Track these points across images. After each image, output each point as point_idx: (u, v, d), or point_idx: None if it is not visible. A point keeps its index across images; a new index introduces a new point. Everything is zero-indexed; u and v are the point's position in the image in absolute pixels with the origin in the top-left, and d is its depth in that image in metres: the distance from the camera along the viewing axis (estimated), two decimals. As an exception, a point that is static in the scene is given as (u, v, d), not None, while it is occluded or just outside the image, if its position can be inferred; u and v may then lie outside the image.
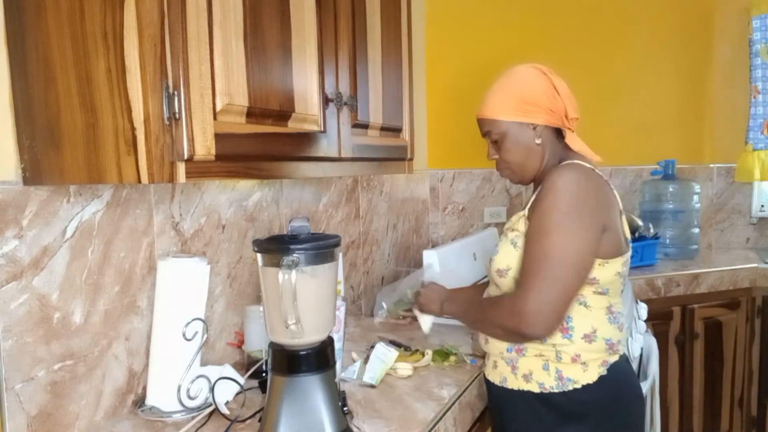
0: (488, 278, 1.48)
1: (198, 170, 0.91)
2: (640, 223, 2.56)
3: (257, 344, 1.40)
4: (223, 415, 1.18)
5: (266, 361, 1.19)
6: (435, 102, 2.63)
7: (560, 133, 1.37)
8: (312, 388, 1.06)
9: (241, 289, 1.52)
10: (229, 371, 1.27)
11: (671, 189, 2.74)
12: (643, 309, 1.90)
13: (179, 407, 1.19)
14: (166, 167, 0.88)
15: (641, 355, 1.50)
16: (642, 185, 2.86)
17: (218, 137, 0.93)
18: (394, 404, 1.25)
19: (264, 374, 1.32)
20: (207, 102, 0.91)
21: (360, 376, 1.38)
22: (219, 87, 0.93)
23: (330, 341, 1.12)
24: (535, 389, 1.29)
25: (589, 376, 1.27)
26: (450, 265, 2.02)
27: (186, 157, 0.88)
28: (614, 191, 1.33)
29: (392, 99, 1.58)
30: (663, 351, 2.27)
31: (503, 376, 1.35)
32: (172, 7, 0.85)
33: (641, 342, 1.48)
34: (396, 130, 1.62)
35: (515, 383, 1.32)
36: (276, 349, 1.09)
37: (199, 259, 1.25)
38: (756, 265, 2.54)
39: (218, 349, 1.45)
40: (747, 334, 2.55)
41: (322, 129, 1.23)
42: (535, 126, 1.33)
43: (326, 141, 1.24)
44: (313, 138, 1.20)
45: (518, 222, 1.32)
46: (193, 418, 1.18)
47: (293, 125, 1.14)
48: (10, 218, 0.99)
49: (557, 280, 1.21)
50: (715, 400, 2.53)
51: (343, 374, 1.38)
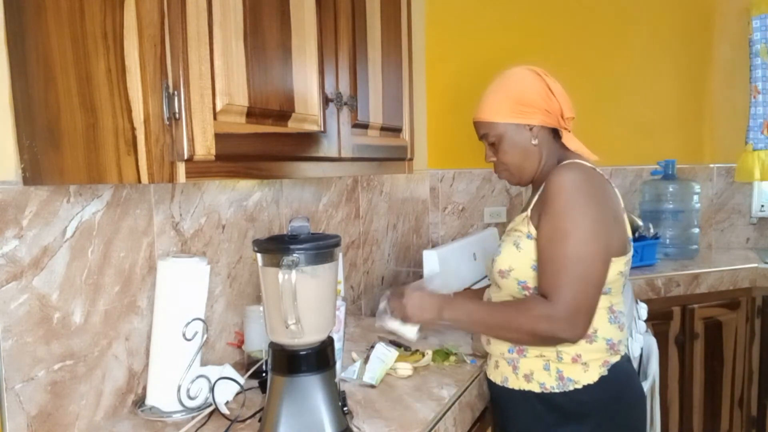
0: (489, 279, 1.48)
1: (198, 170, 0.91)
2: (640, 223, 2.56)
3: (257, 344, 1.40)
4: (223, 415, 1.18)
5: (266, 361, 1.19)
6: (435, 102, 2.63)
7: (557, 134, 1.37)
8: (312, 388, 1.06)
9: (241, 289, 1.52)
10: (229, 371, 1.27)
11: (671, 189, 2.74)
12: (643, 309, 1.90)
13: (179, 407, 1.19)
14: (166, 167, 0.88)
15: (641, 355, 1.50)
16: (642, 185, 2.86)
17: (218, 137, 0.93)
18: (394, 404, 1.25)
19: (264, 374, 1.32)
20: (207, 102, 0.91)
21: (360, 376, 1.38)
22: (219, 87, 0.93)
23: (330, 341, 1.12)
24: (536, 389, 1.30)
25: (590, 377, 1.27)
26: (450, 265, 2.02)
27: (186, 157, 0.88)
28: (616, 190, 1.33)
29: (392, 99, 1.58)
30: (663, 351, 2.27)
31: (504, 376, 1.35)
32: (172, 7, 0.85)
33: (641, 342, 1.48)
34: (396, 130, 1.62)
35: (516, 383, 1.32)
36: (276, 349, 1.09)
37: (199, 259, 1.25)
38: (756, 265, 2.55)
39: (218, 349, 1.45)
40: (747, 334, 2.55)
41: (322, 129, 1.23)
42: (532, 127, 1.34)
43: (326, 141, 1.24)
44: (313, 138, 1.20)
45: (521, 223, 1.32)
46: (193, 418, 1.18)
47: (293, 125, 1.14)
48: (10, 218, 0.99)
49: (586, 279, 1.20)
50: (715, 400, 2.53)
51: (343, 374, 1.38)
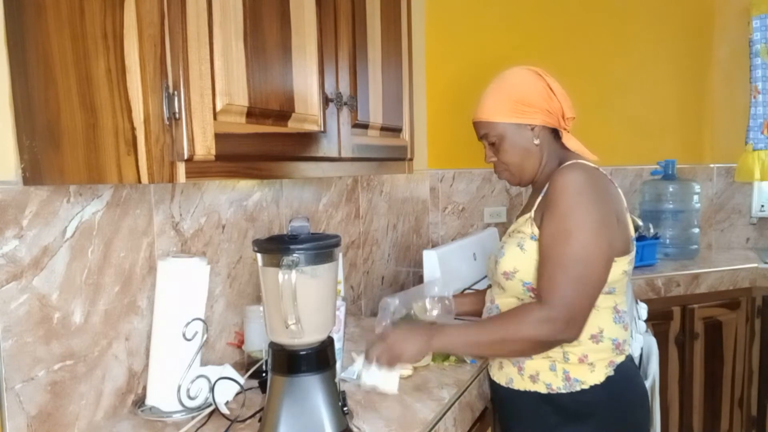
0: (490, 281, 1.48)
1: (198, 170, 0.91)
2: (640, 223, 2.56)
3: (257, 344, 1.40)
4: (223, 415, 1.18)
5: (266, 361, 1.19)
6: (435, 102, 2.63)
7: (557, 134, 1.37)
8: (312, 388, 1.06)
9: (241, 289, 1.52)
10: (229, 371, 1.27)
11: (671, 189, 2.74)
12: (643, 309, 1.90)
13: (179, 407, 1.19)
14: (166, 167, 0.88)
15: (641, 355, 1.50)
16: (642, 185, 2.86)
17: (218, 137, 0.93)
18: (394, 404, 1.25)
19: (264, 374, 1.32)
20: (207, 102, 0.91)
21: (360, 377, 1.37)
22: (219, 87, 0.93)
23: (330, 341, 1.12)
24: (542, 390, 1.29)
25: (597, 377, 1.27)
26: (450, 265, 2.02)
27: (186, 157, 0.88)
28: (618, 189, 1.33)
29: (392, 99, 1.58)
30: (663, 351, 2.27)
31: (509, 377, 1.34)
32: (172, 7, 0.85)
33: (641, 342, 1.48)
34: (396, 130, 1.61)
35: (522, 384, 1.32)
36: (276, 349, 1.09)
37: (199, 259, 1.25)
38: (756, 265, 2.54)
39: (218, 349, 1.45)
40: (747, 334, 2.55)
41: (322, 129, 1.23)
42: (533, 127, 1.33)
43: (326, 141, 1.24)
44: (313, 138, 1.20)
45: (524, 224, 1.32)
46: (193, 418, 1.18)
47: (293, 125, 1.14)
48: (10, 218, 0.99)
49: (584, 281, 1.20)
50: (715, 400, 2.53)
51: (343, 374, 1.38)
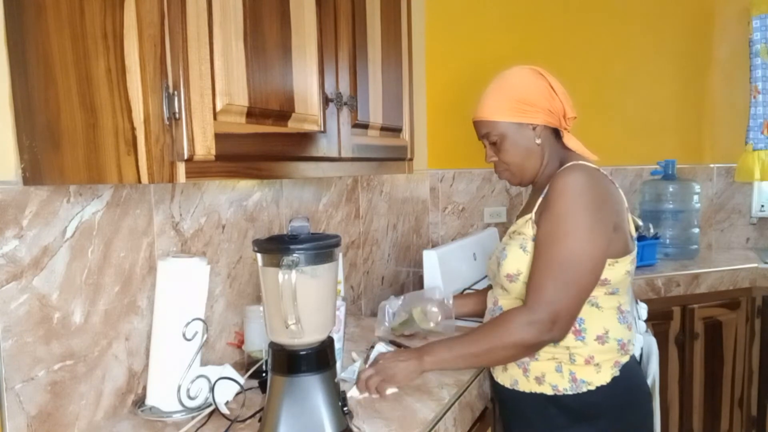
0: (491, 281, 1.48)
1: (198, 170, 0.91)
2: (640, 223, 2.55)
3: (257, 344, 1.40)
4: (223, 415, 1.18)
5: (266, 361, 1.19)
6: (435, 102, 2.63)
7: (557, 134, 1.37)
8: (312, 388, 1.06)
9: (241, 289, 1.52)
10: (229, 371, 1.27)
11: (671, 189, 2.74)
12: (643, 309, 1.90)
13: (179, 407, 1.19)
14: (166, 167, 0.88)
15: (641, 355, 1.50)
16: (642, 185, 2.86)
17: (218, 137, 0.93)
18: (394, 404, 1.25)
19: (264, 374, 1.32)
20: (207, 102, 0.91)
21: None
22: (219, 87, 0.93)
23: (330, 341, 1.12)
24: (548, 391, 1.28)
25: (603, 378, 1.26)
26: (450, 265, 2.02)
27: (186, 157, 0.88)
28: (619, 189, 1.33)
29: (392, 99, 1.58)
30: (663, 351, 2.27)
31: (514, 379, 1.34)
32: (172, 7, 0.85)
33: (641, 342, 1.49)
34: (396, 130, 1.61)
35: (527, 386, 1.31)
36: (276, 349, 1.09)
37: (199, 259, 1.25)
38: (756, 265, 2.54)
39: (218, 349, 1.45)
40: (747, 334, 2.55)
41: (322, 129, 1.23)
42: (535, 126, 1.33)
43: (326, 141, 1.24)
44: (313, 138, 1.20)
45: (525, 225, 1.31)
46: (193, 418, 1.18)
47: (293, 125, 1.14)
48: (10, 218, 0.99)
49: (571, 285, 1.20)
50: (715, 400, 2.53)
51: (343, 374, 1.38)
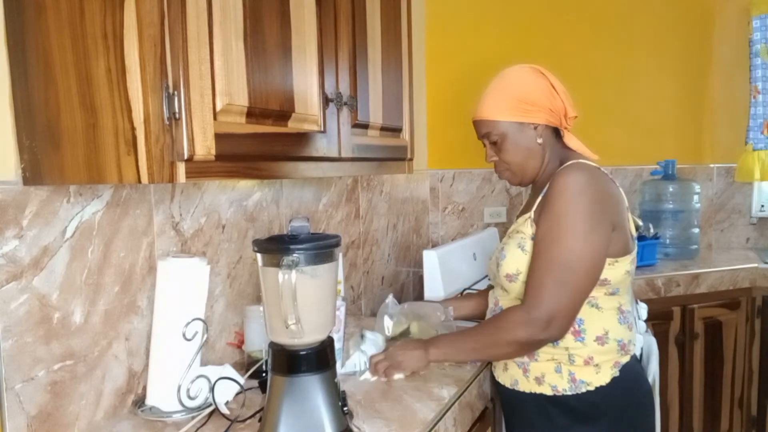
0: (491, 281, 1.48)
1: (198, 170, 0.91)
2: (640, 223, 2.55)
3: (257, 344, 1.40)
4: (223, 415, 1.18)
5: (266, 361, 1.19)
6: (435, 102, 2.63)
7: (558, 133, 1.37)
8: (312, 388, 1.06)
9: (241, 289, 1.52)
10: (229, 371, 1.27)
11: (671, 189, 2.74)
12: (643, 309, 1.90)
13: (179, 407, 1.19)
14: (166, 167, 0.88)
15: (641, 355, 1.51)
16: (642, 185, 2.86)
17: (218, 137, 0.93)
18: (394, 404, 1.25)
19: (264, 374, 1.32)
20: (207, 102, 0.91)
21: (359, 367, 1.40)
22: (219, 87, 0.93)
23: (330, 341, 1.12)
24: (548, 392, 1.29)
25: (602, 378, 1.27)
26: (450, 265, 2.02)
27: (186, 157, 0.88)
28: (620, 189, 1.32)
29: (392, 99, 1.58)
30: (663, 351, 2.27)
31: (514, 379, 1.34)
32: (172, 7, 0.85)
33: (641, 342, 1.49)
34: (396, 130, 1.61)
35: (527, 386, 1.31)
36: (276, 349, 1.09)
37: (199, 259, 1.25)
38: (756, 265, 2.54)
39: (218, 349, 1.45)
40: (747, 334, 2.55)
41: (322, 129, 1.23)
42: (536, 126, 1.33)
43: (326, 141, 1.24)
44: (313, 138, 1.20)
45: (524, 224, 1.31)
46: (193, 418, 1.18)
47: (293, 125, 1.14)
48: (10, 218, 0.99)
49: (572, 285, 1.20)
50: (715, 400, 2.53)
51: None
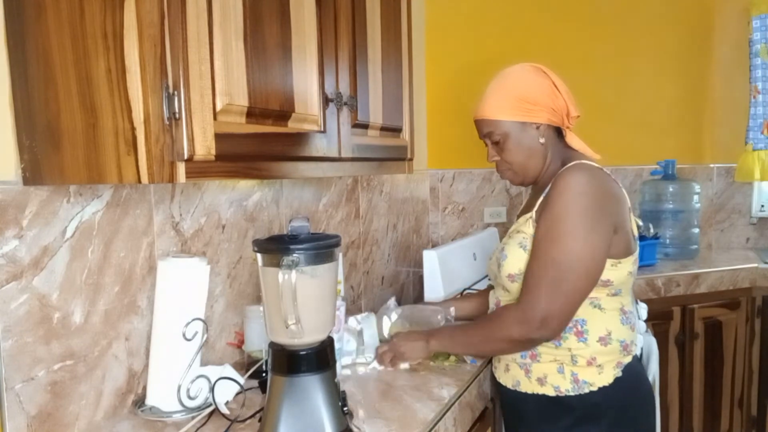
0: (491, 281, 1.48)
1: (198, 170, 0.91)
2: (640, 223, 2.56)
3: (257, 344, 1.40)
4: (223, 415, 1.18)
5: (266, 361, 1.19)
6: (435, 102, 2.63)
7: (560, 132, 1.36)
8: (312, 388, 1.06)
9: (241, 289, 1.52)
10: (229, 371, 1.27)
11: (671, 189, 2.74)
12: (643, 309, 1.90)
13: (179, 407, 1.19)
14: (166, 167, 0.88)
15: (641, 355, 1.51)
16: (642, 185, 2.86)
17: (218, 137, 0.93)
18: (394, 404, 1.25)
19: (264, 374, 1.32)
20: (207, 102, 0.91)
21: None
22: (219, 87, 0.93)
23: (330, 341, 1.12)
24: (551, 393, 1.28)
25: (605, 379, 1.26)
26: (450, 265, 2.02)
27: (186, 157, 0.88)
28: (622, 189, 1.32)
29: (392, 99, 1.58)
30: (663, 351, 2.27)
31: (516, 380, 1.34)
32: (172, 7, 0.85)
33: (641, 342, 1.49)
34: (396, 130, 1.61)
35: (529, 387, 1.31)
36: (276, 349, 1.09)
37: (199, 259, 1.25)
38: (756, 265, 2.54)
39: (218, 349, 1.45)
40: (747, 334, 2.55)
41: (322, 129, 1.23)
42: (538, 125, 1.32)
43: (326, 141, 1.24)
44: (313, 138, 1.20)
45: (525, 224, 1.31)
46: (193, 418, 1.18)
47: (293, 125, 1.14)
48: (10, 218, 0.99)
49: (568, 287, 1.20)
50: (715, 400, 2.53)
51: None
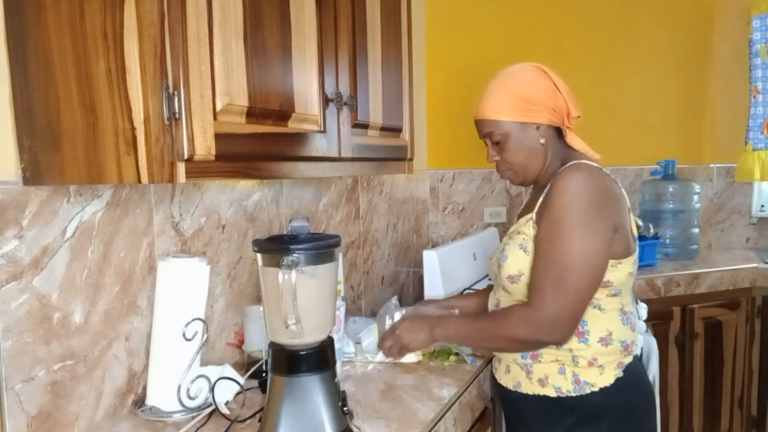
0: (492, 281, 1.48)
1: (198, 170, 0.91)
2: (640, 223, 2.56)
3: (257, 344, 1.40)
4: (223, 415, 1.18)
5: (266, 361, 1.19)
6: (435, 102, 2.63)
7: (560, 132, 1.36)
8: (312, 388, 1.07)
9: (241, 289, 1.52)
10: (229, 371, 1.27)
11: (671, 189, 2.74)
12: (643, 309, 1.90)
13: (179, 407, 1.19)
14: (166, 167, 0.88)
15: (641, 355, 1.51)
16: (642, 185, 2.86)
17: (218, 137, 0.93)
18: (394, 404, 1.25)
19: (264, 374, 1.32)
20: (207, 102, 0.91)
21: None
22: (219, 87, 0.93)
23: (330, 341, 1.12)
24: (552, 393, 1.28)
25: (606, 379, 1.26)
26: (450, 265, 2.02)
27: (186, 157, 0.87)
28: (622, 189, 1.31)
29: (392, 99, 1.58)
30: (663, 351, 2.27)
31: (517, 381, 1.33)
32: (172, 7, 0.85)
33: (641, 342, 1.49)
34: (396, 130, 1.61)
35: (530, 388, 1.31)
36: (276, 349, 1.09)
37: (199, 259, 1.25)
38: (756, 265, 2.54)
39: (218, 349, 1.45)
40: (747, 334, 2.55)
41: (322, 129, 1.23)
42: (539, 126, 1.32)
43: (326, 141, 1.24)
44: (313, 138, 1.20)
45: (526, 225, 1.30)
46: (193, 418, 1.18)
47: (293, 125, 1.14)
48: (10, 218, 0.99)
49: (572, 287, 1.20)
50: (715, 400, 2.53)
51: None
